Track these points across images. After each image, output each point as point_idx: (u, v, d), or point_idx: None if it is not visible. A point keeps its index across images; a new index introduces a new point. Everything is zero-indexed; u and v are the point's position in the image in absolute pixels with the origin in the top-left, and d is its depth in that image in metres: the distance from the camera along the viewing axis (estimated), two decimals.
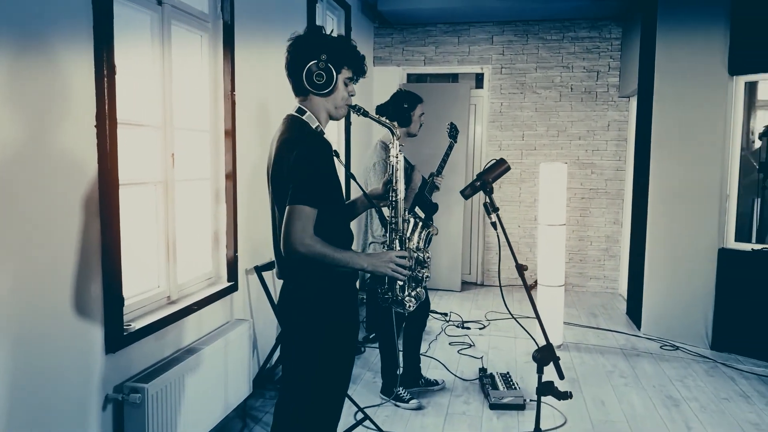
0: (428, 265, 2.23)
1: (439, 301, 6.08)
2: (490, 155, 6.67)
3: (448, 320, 5.35)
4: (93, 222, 2.31)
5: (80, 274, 2.26)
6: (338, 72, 1.96)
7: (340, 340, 2.02)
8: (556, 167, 4.63)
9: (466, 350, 4.62)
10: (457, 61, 6.66)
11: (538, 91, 6.51)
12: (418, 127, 3.51)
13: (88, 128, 2.28)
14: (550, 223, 4.66)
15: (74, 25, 2.20)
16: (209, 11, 3.24)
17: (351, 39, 2.06)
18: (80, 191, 2.25)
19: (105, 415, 2.42)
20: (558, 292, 4.72)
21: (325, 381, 2.00)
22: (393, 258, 2.01)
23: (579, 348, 4.71)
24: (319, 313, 1.97)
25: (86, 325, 2.30)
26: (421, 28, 6.67)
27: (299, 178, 1.84)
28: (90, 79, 2.28)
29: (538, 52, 6.48)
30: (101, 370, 2.38)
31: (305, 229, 1.82)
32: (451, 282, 6.52)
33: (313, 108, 2.00)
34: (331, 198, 1.96)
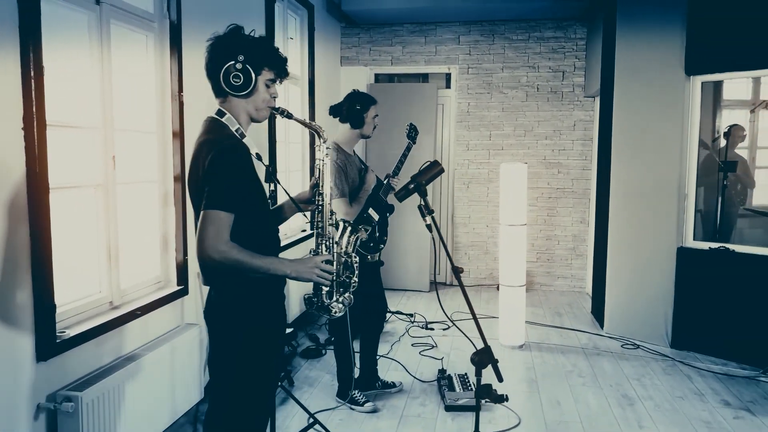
0: (357, 270, 2.20)
1: (407, 302, 6.07)
2: (458, 155, 6.67)
3: (413, 321, 5.33)
4: (20, 227, 2.25)
5: (6, 280, 2.20)
6: (258, 73, 1.92)
7: (263, 345, 1.98)
8: (516, 167, 4.63)
9: (427, 351, 4.60)
10: (424, 61, 6.65)
11: (505, 91, 6.52)
12: (372, 129, 3.48)
13: (15, 131, 2.22)
14: (510, 224, 4.65)
15: None
16: (155, 11, 3.18)
17: (271, 39, 2.03)
18: (5, 195, 2.19)
19: (37, 425, 2.36)
20: (519, 292, 4.72)
21: (248, 386, 1.95)
22: (317, 263, 1.98)
23: (541, 348, 4.71)
24: (241, 320, 1.93)
25: (13, 333, 2.24)
26: (388, 27, 6.65)
27: (213, 182, 1.79)
28: (17, 81, 2.22)
29: (504, 52, 6.48)
30: (31, 379, 2.32)
31: (219, 235, 1.78)
32: (420, 282, 6.50)
33: (232, 110, 1.96)
34: (251, 203, 1.92)
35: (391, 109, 6.54)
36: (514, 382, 4.03)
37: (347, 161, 3.35)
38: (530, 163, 6.50)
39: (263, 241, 1.97)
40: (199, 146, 1.89)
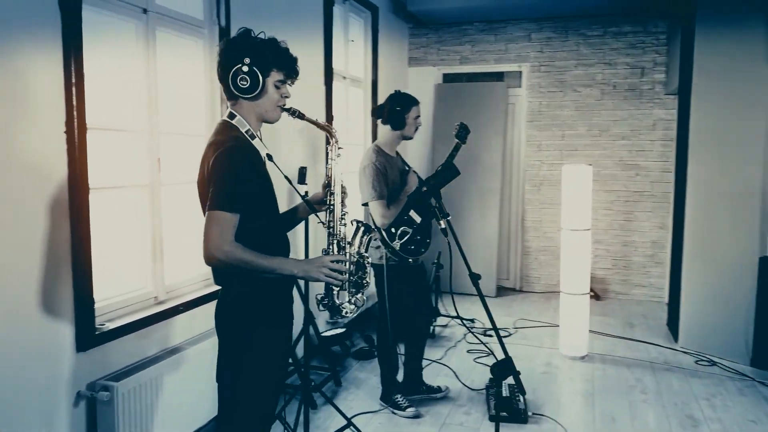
0: (368, 270, 2.16)
1: (470, 307, 5.93)
2: (530, 156, 6.46)
3: (472, 327, 5.21)
4: (62, 225, 2.40)
5: (48, 275, 2.34)
6: (266, 75, 1.93)
7: (269, 345, 1.98)
8: (579, 169, 4.41)
9: (482, 358, 4.48)
10: (494, 59, 6.49)
11: (579, 89, 6.24)
12: (414, 130, 3.43)
13: (58, 134, 2.37)
14: (573, 228, 4.44)
15: (43, 35, 2.29)
16: (204, 17, 3.29)
17: (280, 41, 2.02)
18: (48, 195, 2.33)
19: (77, 411, 2.50)
20: (582, 300, 4.49)
21: (252, 386, 1.96)
22: (326, 263, 1.96)
23: (605, 360, 4.46)
24: (248, 320, 1.95)
25: (55, 324, 2.39)
26: (457, 27, 6.54)
27: (218, 183, 1.82)
28: (59, 87, 2.36)
29: (578, 48, 6.20)
30: (71, 368, 2.46)
31: (223, 235, 1.80)
32: (486, 287, 6.34)
33: (242, 112, 1.98)
34: (259, 204, 1.93)
35: (459, 109, 6.44)
36: (568, 395, 3.84)
37: (387, 163, 3.32)
38: (606, 164, 6.19)
39: (272, 242, 1.98)
40: (206, 148, 1.93)
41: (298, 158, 4.26)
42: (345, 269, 2.02)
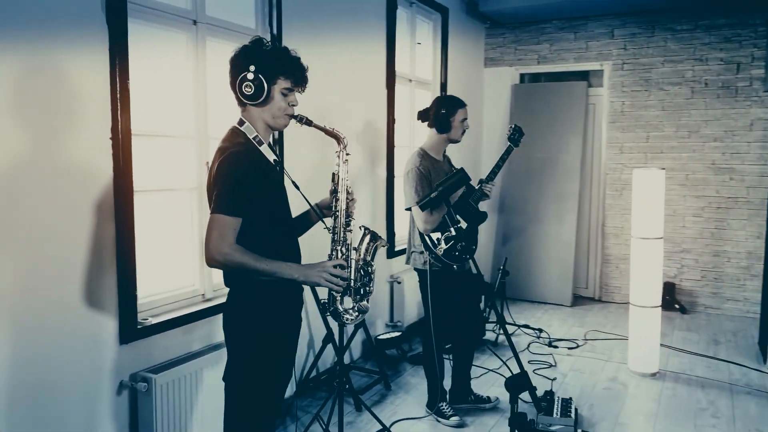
0: (373, 278, 2.14)
1: (542, 316, 5.73)
2: (611, 159, 6.13)
3: (539, 337, 5.02)
4: (107, 225, 2.57)
5: (93, 271, 2.52)
6: (272, 82, 1.96)
7: (274, 349, 2.01)
8: (650, 173, 4.14)
9: (543, 370, 4.30)
10: (574, 58, 6.22)
11: (666, 88, 5.84)
12: (461, 133, 3.35)
13: (104, 140, 2.54)
14: (643, 236, 4.16)
15: (91, 48, 2.47)
16: (256, 26, 3.41)
17: (289, 49, 2.05)
18: (93, 197, 2.51)
19: (120, 400, 2.68)
20: (653, 313, 4.20)
21: (256, 388, 2.00)
22: (327, 268, 1.97)
23: (677, 379, 4.14)
24: (252, 323, 1.98)
25: (99, 317, 2.57)
26: (535, 25, 6.34)
27: (220, 187, 1.88)
28: (106, 97, 2.54)
29: (665, 44, 5.81)
30: (114, 359, 2.63)
31: (224, 238, 1.86)
32: (561, 296, 6.09)
33: (250, 118, 2.02)
34: (265, 209, 1.96)
35: (536, 110, 6.25)
36: (628, 414, 3.61)
37: (432, 167, 3.27)
38: (695, 168, 5.75)
39: (280, 246, 2.01)
40: (215, 154, 1.99)
41: (355, 161, 4.30)
42: (346, 275, 2.02)
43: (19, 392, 2.29)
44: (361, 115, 4.36)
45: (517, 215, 6.36)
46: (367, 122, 4.41)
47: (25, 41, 2.25)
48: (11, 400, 2.27)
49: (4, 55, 2.18)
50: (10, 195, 2.23)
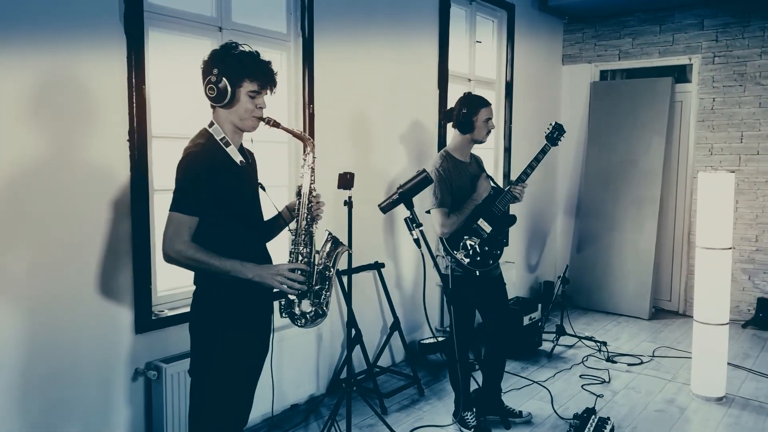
0: (331, 284, 2.11)
1: (613, 328, 5.37)
2: (699, 161, 5.62)
3: (599, 350, 4.70)
4: (124, 222, 2.75)
5: (110, 265, 2.71)
6: (236, 85, 1.99)
7: (237, 349, 2.04)
8: (717, 177, 3.74)
9: (592, 386, 4.03)
10: (658, 52, 5.76)
11: (763, 82, 5.25)
12: (485, 134, 3.21)
13: (122, 142, 2.73)
14: (708, 246, 3.78)
15: (110, 56, 2.66)
16: (288, 30, 3.49)
17: (255, 53, 2.07)
18: (111, 195, 2.70)
19: (136, 386, 2.85)
20: (719, 332, 3.80)
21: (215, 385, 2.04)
22: (281, 270, 1.98)
23: (746, 405, 3.71)
24: (214, 321, 2.02)
25: (115, 307, 2.75)
26: (615, 19, 5.94)
27: (176, 186, 1.94)
28: (124, 102, 2.72)
29: (763, 34, 5.22)
30: (130, 347, 2.81)
31: (178, 235, 1.92)
32: (638, 308, 5.67)
33: (218, 120, 2.07)
34: (226, 209, 2.00)
35: (616, 109, 5.88)
36: None
37: (454, 169, 3.17)
38: None
39: (241, 247, 2.04)
40: None
41: (400, 164, 4.28)
42: (301, 279, 2.01)
43: (40, 375, 2.52)
44: (408, 115, 4.33)
45: (592, 221, 6.00)
46: (415, 123, 4.37)
47: (48, 49, 2.47)
48: (32, 382, 2.49)
49: (27, 62, 2.41)
50: (32, 193, 2.46)
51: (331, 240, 2.14)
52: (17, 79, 2.39)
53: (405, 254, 4.39)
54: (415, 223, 2.03)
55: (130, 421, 2.84)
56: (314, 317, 2.10)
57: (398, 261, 4.34)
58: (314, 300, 2.10)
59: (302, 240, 2.09)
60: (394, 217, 4.26)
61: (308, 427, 3.41)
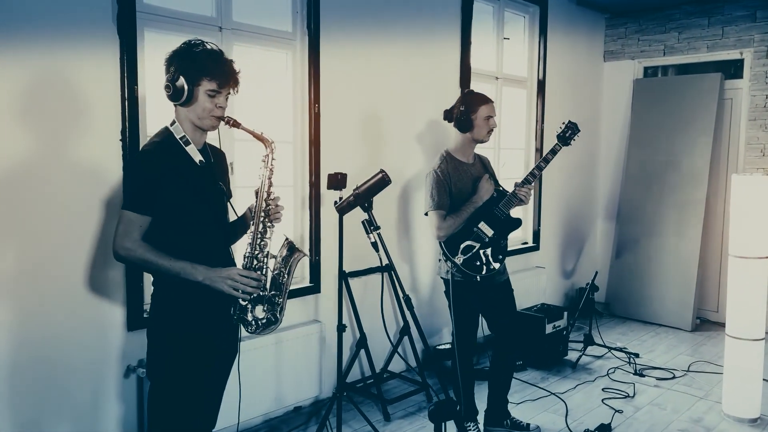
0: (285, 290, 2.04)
1: (650, 339, 5.06)
2: (750, 163, 5.23)
3: (629, 362, 4.44)
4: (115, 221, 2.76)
5: (101, 262, 2.75)
6: (194, 84, 1.96)
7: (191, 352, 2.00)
8: (752, 180, 3.45)
9: (613, 400, 3.80)
10: (707, 47, 5.40)
11: None
12: (486, 132, 3.07)
13: (114, 143, 2.76)
14: (742, 255, 3.49)
15: (103, 58, 2.70)
16: (294, 29, 3.46)
17: (218, 51, 2.03)
18: (102, 195, 2.74)
19: (128, 382, 2.89)
20: (754, 348, 3.50)
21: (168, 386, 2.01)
22: (232, 275, 1.93)
23: None
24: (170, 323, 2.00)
25: (107, 305, 2.80)
26: (660, 12, 5.61)
27: (125, 183, 1.93)
28: (117, 103, 2.76)
29: None
30: (122, 344, 2.85)
31: (127, 234, 1.90)
32: (679, 319, 5.33)
33: (179, 118, 2.04)
34: (179, 209, 1.97)
35: (659, 107, 5.57)
36: None
37: (454, 170, 3.05)
38: None
39: (196, 248, 1.99)
40: None
41: (416, 164, 4.18)
42: (253, 284, 1.96)
43: (31, 372, 2.58)
44: (426, 114, 4.22)
45: (632, 225, 5.69)
46: (433, 122, 4.25)
47: (41, 50, 2.53)
48: (22, 379, 2.56)
49: (21, 62, 2.47)
50: (25, 191, 2.52)
51: (287, 246, 2.07)
52: (10, 78, 2.46)
53: (421, 257, 4.28)
54: (373, 226, 1.94)
55: (122, 418, 2.88)
56: (266, 324, 2.04)
57: (414, 264, 4.24)
58: (267, 306, 2.04)
59: (258, 244, 2.03)
60: (410, 220, 4.17)
61: (307, 430, 3.36)
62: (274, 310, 2.04)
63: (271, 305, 2.04)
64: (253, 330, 2.04)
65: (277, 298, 2.05)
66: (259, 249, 2.03)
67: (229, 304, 2.09)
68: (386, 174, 2.22)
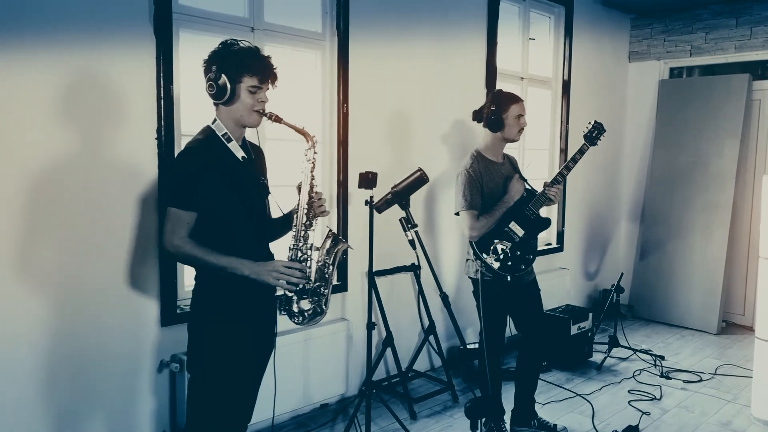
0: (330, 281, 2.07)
1: (675, 342, 5.02)
2: None
3: (654, 364, 4.41)
4: (150, 217, 2.83)
5: (136, 259, 2.80)
6: (236, 81, 1.99)
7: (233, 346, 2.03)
8: None
9: (639, 402, 3.78)
10: (734, 47, 5.35)
11: None
12: (517, 131, 3.07)
13: (150, 141, 2.81)
14: None
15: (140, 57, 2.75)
16: (323, 29, 3.49)
17: (255, 48, 2.06)
18: (138, 192, 2.79)
19: (161, 377, 2.94)
20: None
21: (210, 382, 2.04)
22: (278, 267, 1.96)
23: None
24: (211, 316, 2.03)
25: (142, 300, 2.84)
26: (687, 12, 5.57)
27: (173, 181, 1.96)
28: (153, 102, 2.80)
29: None
30: (156, 339, 2.90)
31: (175, 230, 1.94)
32: (705, 322, 5.28)
33: (220, 117, 2.07)
34: (224, 205, 2.00)
35: (685, 108, 5.53)
36: None
37: (485, 170, 3.05)
38: None
39: (239, 243, 2.03)
40: None
41: (441, 164, 4.19)
42: (298, 275, 1.99)
43: (68, 365, 2.64)
44: (452, 114, 4.23)
45: (657, 227, 5.65)
46: (459, 122, 4.26)
47: (80, 50, 2.58)
48: (59, 371, 2.61)
49: (60, 62, 2.53)
50: (64, 188, 2.58)
51: (331, 237, 2.11)
52: (50, 78, 2.51)
53: (446, 256, 4.30)
54: (410, 223, 1.96)
55: (155, 412, 2.92)
56: (312, 315, 2.08)
57: (439, 264, 4.25)
58: (313, 298, 2.07)
59: (302, 236, 2.07)
60: (435, 218, 4.18)
61: (334, 427, 3.39)
62: (320, 301, 2.08)
63: (317, 296, 2.08)
64: (300, 321, 2.08)
65: (323, 289, 2.08)
66: (303, 241, 2.06)
67: (269, 299, 2.12)
68: (424, 172, 2.24)
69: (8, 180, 2.44)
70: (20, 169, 2.46)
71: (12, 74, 2.42)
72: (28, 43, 2.45)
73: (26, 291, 2.51)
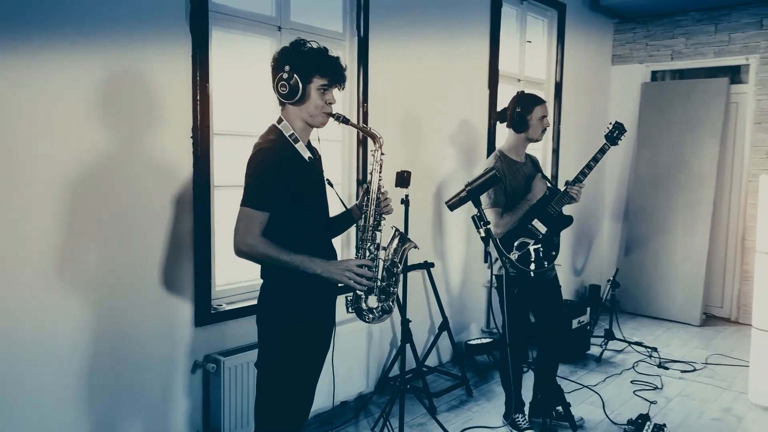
0: (398, 279, 2.11)
1: (662, 334, 5.25)
2: (755, 164, 5.46)
3: (650, 356, 4.60)
4: (185, 218, 2.81)
5: (171, 258, 2.77)
6: (307, 81, 2.01)
7: (303, 341, 2.06)
8: None
9: (644, 392, 3.95)
10: (714, 52, 5.62)
11: None
12: (540, 132, 3.18)
13: (185, 140, 2.79)
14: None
15: (175, 56, 2.72)
16: (344, 30, 3.52)
17: (324, 48, 2.09)
18: (173, 192, 2.76)
19: (194, 377, 2.91)
20: None
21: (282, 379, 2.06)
22: (350, 266, 1.99)
23: None
24: (282, 314, 2.05)
25: (176, 300, 2.81)
26: (668, 18, 5.82)
27: (247, 181, 1.97)
28: (188, 100, 2.78)
29: None
30: (189, 339, 2.87)
31: (249, 230, 1.94)
32: (688, 314, 5.53)
33: (288, 117, 2.09)
34: (294, 205, 2.02)
35: (667, 111, 5.77)
36: None
37: (508, 169, 3.15)
38: None
39: (308, 241, 2.06)
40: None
41: (449, 163, 4.27)
42: (370, 275, 2.02)
43: (105, 366, 2.59)
44: (458, 115, 4.31)
45: (641, 224, 5.89)
46: (464, 123, 4.35)
47: (116, 48, 2.53)
48: (98, 372, 2.57)
49: (97, 60, 2.48)
50: (100, 187, 2.53)
51: (398, 236, 2.15)
52: (87, 76, 2.46)
53: (453, 254, 4.38)
54: (483, 221, 2.03)
55: (189, 412, 2.90)
56: (381, 313, 2.12)
57: (446, 261, 4.33)
58: (381, 296, 2.11)
59: (369, 236, 2.10)
60: (443, 217, 4.26)
61: (358, 424, 3.42)
62: (388, 299, 2.11)
63: (386, 294, 2.11)
64: (371, 319, 2.11)
65: (392, 288, 2.12)
66: (371, 241, 2.09)
67: (332, 296, 2.15)
68: (497, 171, 2.31)
69: (49, 181, 2.38)
70: (61, 170, 2.41)
71: (52, 74, 2.37)
72: (66, 42, 2.39)
73: (67, 291, 2.46)
